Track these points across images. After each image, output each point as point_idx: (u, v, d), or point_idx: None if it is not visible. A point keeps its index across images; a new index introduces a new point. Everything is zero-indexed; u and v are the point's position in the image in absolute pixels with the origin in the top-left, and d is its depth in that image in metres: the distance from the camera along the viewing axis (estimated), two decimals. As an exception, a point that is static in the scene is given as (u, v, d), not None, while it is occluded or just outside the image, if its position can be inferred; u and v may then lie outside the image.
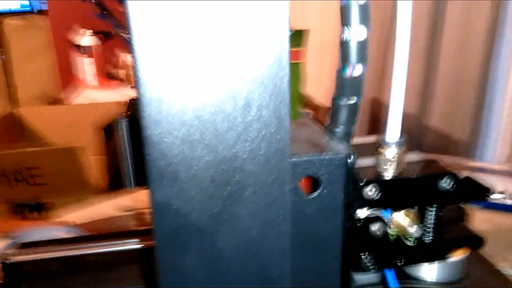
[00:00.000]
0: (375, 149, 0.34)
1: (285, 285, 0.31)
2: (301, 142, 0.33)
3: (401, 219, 0.34)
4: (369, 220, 0.34)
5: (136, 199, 0.94)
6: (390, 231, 0.35)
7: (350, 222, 0.33)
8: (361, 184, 0.33)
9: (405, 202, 0.34)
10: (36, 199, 1.23)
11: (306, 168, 0.30)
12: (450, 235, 0.37)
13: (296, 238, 0.31)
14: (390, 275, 0.36)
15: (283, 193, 0.30)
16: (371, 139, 0.38)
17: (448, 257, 0.37)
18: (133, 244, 0.62)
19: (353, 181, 0.32)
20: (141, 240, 0.62)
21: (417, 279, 0.40)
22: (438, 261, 0.39)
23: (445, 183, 0.34)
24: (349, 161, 0.31)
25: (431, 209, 0.35)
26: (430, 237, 0.36)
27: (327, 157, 0.31)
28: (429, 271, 0.42)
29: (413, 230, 0.34)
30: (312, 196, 0.31)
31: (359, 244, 0.34)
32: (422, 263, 0.39)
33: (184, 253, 0.29)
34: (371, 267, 0.35)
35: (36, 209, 1.21)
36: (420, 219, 0.35)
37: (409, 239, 0.35)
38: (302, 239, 0.32)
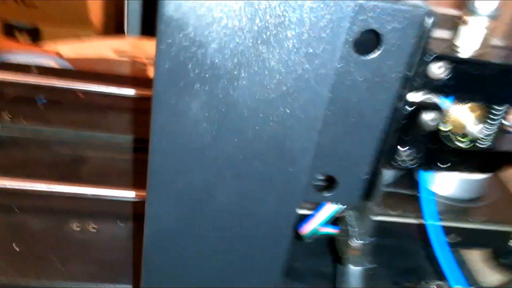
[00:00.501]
0: (457, 19, 0.26)
1: (304, 164, 0.25)
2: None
3: (463, 114, 0.27)
4: (421, 107, 0.27)
5: (135, 46, 0.85)
6: (443, 126, 0.28)
7: (401, 104, 0.25)
8: (429, 57, 0.25)
9: (477, 93, 0.26)
10: (33, 25, 1.15)
11: (371, 18, 0.22)
12: (507, 146, 0.30)
13: (332, 107, 0.24)
14: (424, 179, 0.30)
15: (334, 44, 0.22)
16: (450, 11, 0.29)
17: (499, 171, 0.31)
18: (126, 91, 0.55)
19: (421, 52, 0.24)
20: (136, 88, 0.56)
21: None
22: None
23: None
24: (427, 20, 0.23)
25: (500, 109, 0.28)
26: (487, 144, 0.29)
27: (402, 7, 0.22)
28: (444, 186, 0.37)
29: (477, 129, 0.27)
30: (368, 57, 0.23)
31: (403, 134, 0.27)
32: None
33: (190, 96, 0.22)
34: (409, 163, 0.28)
35: (31, 34, 1.14)
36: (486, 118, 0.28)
37: (463, 140, 0.28)
38: (339, 110, 0.25)
